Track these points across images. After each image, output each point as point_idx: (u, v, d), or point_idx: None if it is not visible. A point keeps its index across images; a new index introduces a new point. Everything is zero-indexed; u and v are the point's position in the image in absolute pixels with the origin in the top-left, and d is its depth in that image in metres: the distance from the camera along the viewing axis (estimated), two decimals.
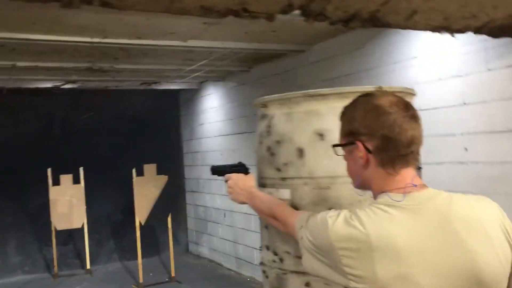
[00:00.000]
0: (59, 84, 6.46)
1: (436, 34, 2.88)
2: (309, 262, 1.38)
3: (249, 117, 6.41)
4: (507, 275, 1.24)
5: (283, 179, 1.79)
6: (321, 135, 1.71)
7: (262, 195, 1.79)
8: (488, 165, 3.47)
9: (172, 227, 7.03)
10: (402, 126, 1.26)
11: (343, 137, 1.39)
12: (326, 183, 1.71)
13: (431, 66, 3.83)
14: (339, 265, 1.24)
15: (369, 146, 1.29)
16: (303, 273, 1.77)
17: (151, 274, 7.18)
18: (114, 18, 3.73)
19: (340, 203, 1.69)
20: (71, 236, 7.99)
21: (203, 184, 8.02)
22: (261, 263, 1.98)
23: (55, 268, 7.35)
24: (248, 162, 2.23)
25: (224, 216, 7.32)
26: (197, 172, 8.21)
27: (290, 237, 1.81)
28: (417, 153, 1.33)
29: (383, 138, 1.27)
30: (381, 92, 1.37)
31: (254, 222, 6.47)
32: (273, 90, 5.78)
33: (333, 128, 1.70)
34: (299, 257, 1.77)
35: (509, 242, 1.25)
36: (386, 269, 1.18)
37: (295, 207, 1.75)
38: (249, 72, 6.40)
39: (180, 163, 8.77)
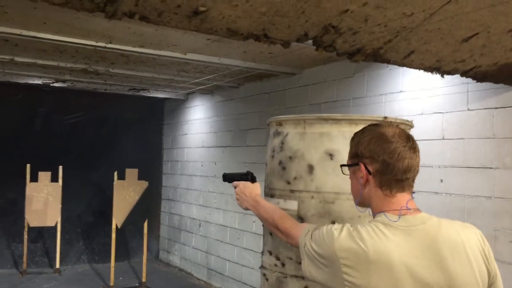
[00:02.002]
0: (49, 81, 6.52)
1: (425, 73, 3.17)
2: (308, 268, 1.56)
3: (234, 131, 6.61)
4: None
5: (292, 191, 1.99)
6: (330, 155, 1.92)
7: (266, 205, 1.92)
8: (460, 198, 3.76)
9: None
10: (400, 155, 1.47)
11: (350, 159, 1.60)
12: (331, 198, 1.91)
13: (416, 101, 4.12)
14: (338, 272, 1.42)
15: (370, 168, 1.50)
16: (303, 277, 1.97)
17: (120, 278, 7.21)
18: (123, 26, 3.89)
19: (342, 217, 1.89)
20: (40, 234, 7.97)
21: (180, 193, 8.13)
22: (262, 267, 2.16)
23: (24, 265, 7.29)
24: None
25: (199, 226, 7.44)
26: (175, 181, 8.32)
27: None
28: (412, 180, 1.52)
29: (383, 163, 1.47)
30: (388, 123, 1.57)
31: (229, 234, 6.62)
32: (261, 108, 6.07)
33: (342, 150, 1.93)
34: (300, 262, 1.97)
35: (486, 265, 1.46)
36: (380, 279, 1.38)
37: (301, 217, 1.95)
38: (237, 89, 6.61)
39: (158, 171, 8.86)
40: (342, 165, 1.64)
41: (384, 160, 1.47)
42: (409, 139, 1.51)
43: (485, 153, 3.58)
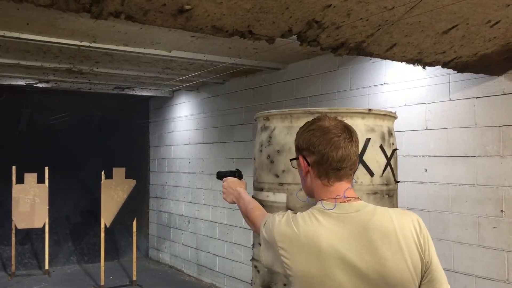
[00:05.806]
0: (33, 82, 6.47)
1: (407, 65, 3.23)
2: (262, 252, 1.65)
3: (221, 127, 6.63)
4: (416, 280, 1.48)
5: (281, 184, 2.03)
6: None
7: (245, 197, 2.04)
8: (444, 186, 3.84)
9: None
10: (335, 145, 1.52)
11: (295, 152, 1.67)
12: None
13: (399, 93, 4.19)
14: (277, 254, 1.54)
15: (309, 160, 1.57)
16: None
17: (111, 277, 7.21)
18: (107, 25, 3.88)
19: None
20: (28, 236, 7.93)
21: (168, 191, 8.13)
22: (253, 259, 2.20)
23: (13, 267, 7.25)
24: (215, 170, 2.52)
25: (188, 223, 7.46)
26: (163, 178, 8.33)
27: None
28: (350, 169, 1.56)
29: (319, 154, 1.54)
30: (326, 117, 1.62)
31: (219, 230, 6.66)
32: (247, 103, 6.11)
33: None
34: None
35: (419, 252, 1.50)
36: (309, 261, 1.47)
37: (291, 209, 1.99)
38: (223, 85, 6.63)
39: (145, 169, 8.85)
40: (291, 159, 1.72)
41: (320, 151, 1.53)
42: (345, 130, 1.56)
43: (467, 142, 3.66)
